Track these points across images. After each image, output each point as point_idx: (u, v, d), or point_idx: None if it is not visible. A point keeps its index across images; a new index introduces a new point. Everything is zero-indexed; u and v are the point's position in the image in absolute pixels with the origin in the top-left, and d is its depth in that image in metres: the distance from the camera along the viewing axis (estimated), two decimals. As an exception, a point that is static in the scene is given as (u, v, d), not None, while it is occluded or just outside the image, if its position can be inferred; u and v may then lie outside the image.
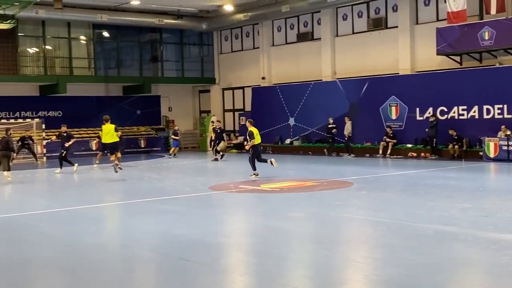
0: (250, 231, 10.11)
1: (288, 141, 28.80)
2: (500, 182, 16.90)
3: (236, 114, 33.62)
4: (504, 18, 21.71)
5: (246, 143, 18.54)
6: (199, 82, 35.49)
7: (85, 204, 13.36)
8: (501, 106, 21.65)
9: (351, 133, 25.25)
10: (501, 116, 21.64)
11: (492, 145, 20.98)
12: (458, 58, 23.88)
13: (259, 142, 17.95)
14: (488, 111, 22.03)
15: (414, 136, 24.09)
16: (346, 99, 26.41)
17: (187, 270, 7.36)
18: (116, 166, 18.33)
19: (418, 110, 24.05)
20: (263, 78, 31.70)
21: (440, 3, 24.48)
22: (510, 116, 21.39)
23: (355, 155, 24.79)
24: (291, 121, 28.82)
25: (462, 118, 22.77)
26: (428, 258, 7.47)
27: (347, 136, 25.22)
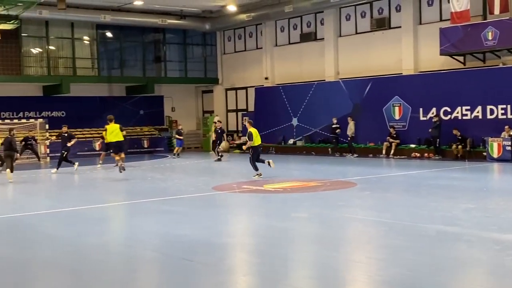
0: (253, 231, 10.10)
1: (291, 141, 28.78)
2: (503, 183, 16.87)
3: (239, 114, 33.62)
4: (507, 18, 21.67)
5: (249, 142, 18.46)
6: (202, 83, 35.49)
7: (88, 204, 13.37)
8: (504, 106, 21.61)
9: (354, 133, 25.24)
10: (504, 116, 21.59)
11: (495, 145, 20.94)
12: (461, 58, 23.83)
13: (259, 144, 17.93)
14: (491, 111, 21.99)
15: (418, 136, 24.04)
16: (349, 99, 26.38)
17: (190, 271, 7.35)
18: (120, 166, 18.32)
19: (421, 110, 24.02)
20: (266, 78, 31.68)
21: (443, 3, 24.43)
22: (513, 116, 21.41)
23: (358, 155, 24.76)
24: (294, 121, 28.80)
25: (466, 118, 22.73)
26: (431, 259, 7.46)
27: (350, 136, 25.21)
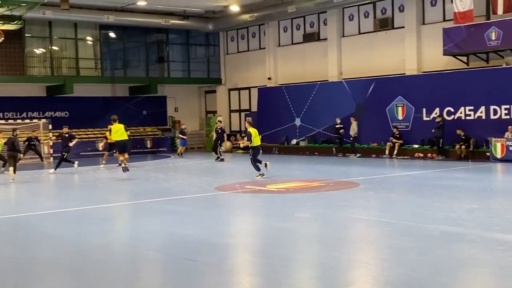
0: (256, 232, 10.10)
1: (294, 141, 28.75)
2: (507, 183, 16.84)
3: (242, 114, 33.61)
4: (511, 18, 21.61)
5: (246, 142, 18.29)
6: (205, 83, 35.50)
7: (91, 204, 13.38)
8: (508, 106, 21.56)
9: (357, 133, 25.22)
10: (508, 116, 21.53)
11: (499, 145, 20.90)
12: (464, 59, 23.79)
13: (259, 144, 17.90)
14: (495, 112, 21.94)
15: (421, 136, 24.00)
16: (352, 100, 26.36)
17: (193, 271, 7.35)
18: (124, 167, 18.33)
19: (424, 110, 23.98)
20: (269, 78, 31.68)
21: (446, 3, 24.39)
22: (517, 116, 21.37)
23: (362, 156, 24.74)
24: (297, 121, 28.78)
25: (469, 118, 22.69)
26: (434, 259, 7.44)
27: (353, 136, 25.18)
